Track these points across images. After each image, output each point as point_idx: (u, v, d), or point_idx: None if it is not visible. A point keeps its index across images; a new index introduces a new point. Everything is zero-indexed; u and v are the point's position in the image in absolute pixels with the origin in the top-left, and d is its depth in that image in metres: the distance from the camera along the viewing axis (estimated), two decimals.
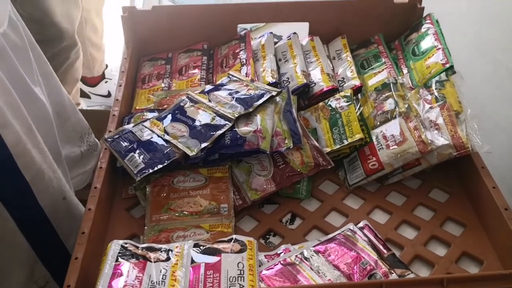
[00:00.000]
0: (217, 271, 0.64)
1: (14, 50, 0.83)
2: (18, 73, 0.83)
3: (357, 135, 0.86)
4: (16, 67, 0.83)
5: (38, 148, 0.84)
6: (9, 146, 0.77)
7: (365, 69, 1.03)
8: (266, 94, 0.87)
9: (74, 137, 1.09)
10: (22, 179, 0.80)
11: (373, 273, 0.68)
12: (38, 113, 0.89)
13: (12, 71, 0.81)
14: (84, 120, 1.13)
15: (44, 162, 0.85)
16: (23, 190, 0.81)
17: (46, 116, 0.93)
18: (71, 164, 1.07)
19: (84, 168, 1.12)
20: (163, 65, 1.06)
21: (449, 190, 0.85)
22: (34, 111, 0.87)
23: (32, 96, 0.87)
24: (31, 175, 0.81)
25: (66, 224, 0.91)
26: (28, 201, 0.82)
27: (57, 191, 0.88)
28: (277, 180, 0.83)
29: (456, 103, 0.85)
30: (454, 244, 0.76)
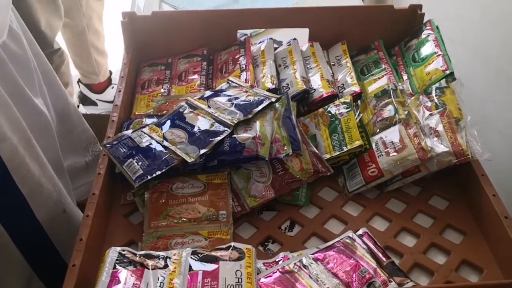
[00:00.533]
0: (215, 279, 0.64)
1: (13, 61, 0.82)
2: (17, 84, 0.83)
3: (357, 142, 0.86)
4: (15, 79, 0.82)
5: (37, 161, 0.84)
6: (5, 159, 0.76)
7: (365, 75, 1.03)
8: (266, 100, 0.87)
9: (79, 147, 1.09)
10: (17, 193, 0.79)
11: (372, 281, 0.67)
12: (39, 125, 0.88)
13: (11, 83, 0.81)
14: (90, 130, 1.12)
15: (43, 175, 0.84)
16: (18, 203, 0.80)
17: (47, 128, 0.92)
18: (75, 175, 1.07)
19: (88, 178, 1.11)
20: (163, 70, 1.06)
21: (449, 198, 0.84)
22: (34, 123, 0.86)
23: (32, 108, 0.87)
24: (28, 188, 0.80)
25: (65, 238, 0.90)
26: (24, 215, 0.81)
27: (57, 204, 0.88)
28: (276, 186, 0.82)
29: (456, 110, 0.85)
30: (454, 252, 0.75)
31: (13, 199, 0.79)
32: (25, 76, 0.85)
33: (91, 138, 1.10)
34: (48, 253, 0.87)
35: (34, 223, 0.83)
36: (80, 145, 1.09)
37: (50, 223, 0.85)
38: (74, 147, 1.06)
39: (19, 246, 0.81)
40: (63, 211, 0.88)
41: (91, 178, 1.12)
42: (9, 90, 0.79)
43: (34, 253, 0.84)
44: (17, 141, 0.78)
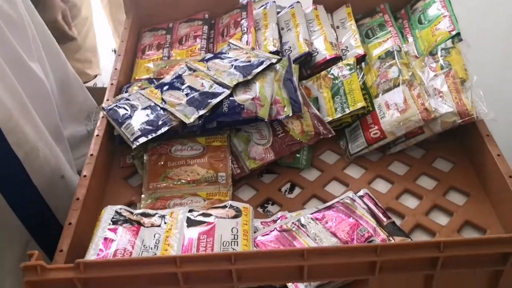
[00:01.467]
0: (211, 236, 0.63)
1: (8, 24, 0.81)
2: (11, 47, 0.81)
3: (359, 104, 0.84)
4: (9, 41, 0.81)
5: (32, 125, 0.83)
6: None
7: (369, 39, 1.00)
8: (266, 61, 0.85)
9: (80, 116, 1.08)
10: (13, 157, 0.78)
11: (371, 240, 0.66)
12: (35, 90, 0.87)
13: (5, 46, 0.79)
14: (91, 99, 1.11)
15: (39, 140, 0.83)
16: (14, 167, 0.79)
17: (44, 93, 0.91)
18: (76, 144, 1.06)
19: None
20: (164, 35, 1.05)
21: (453, 159, 0.82)
22: (30, 87, 0.85)
23: (28, 72, 0.85)
24: (24, 152, 0.79)
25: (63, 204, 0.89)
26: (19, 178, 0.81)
27: (54, 170, 0.87)
28: (276, 149, 0.81)
29: (462, 70, 0.83)
30: (456, 213, 0.74)
31: (8, 163, 0.78)
32: (20, 40, 0.83)
33: (92, 107, 1.09)
34: (45, 218, 0.87)
35: (31, 188, 0.82)
36: (82, 114, 1.08)
37: (47, 189, 0.84)
38: (75, 116, 1.05)
39: (16, 211, 0.80)
40: (61, 177, 0.88)
41: None
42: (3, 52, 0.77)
43: (31, 218, 0.83)
44: (10, 104, 0.77)
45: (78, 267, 0.53)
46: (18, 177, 0.81)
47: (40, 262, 0.54)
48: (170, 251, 0.62)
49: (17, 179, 0.81)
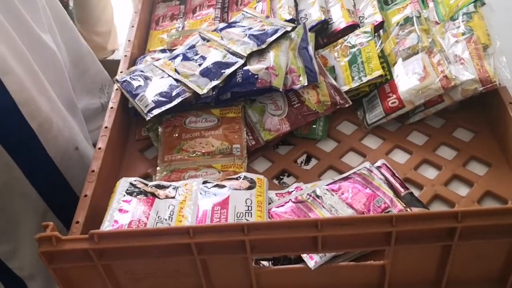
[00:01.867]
0: (225, 207, 0.63)
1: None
2: (22, 18, 0.80)
3: (377, 72, 0.82)
4: (20, 12, 0.80)
5: (45, 95, 0.83)
6: (12, 93, 0.75)
7: (388, 5, 0.97)
8: (281, 29, 0.83)
9: (94, 88, 1.08)
10: (27, 128, 0.78)
11: (387, 211, 0.65)
12: (46, 61, 0.87)
13: (15, 16, 0.79)
14: (104, 71, 1.11)
15: (51, 111, 0.83)
16: (29, 138, 0.79)
17: (56, 64, 0.90)
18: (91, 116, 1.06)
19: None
20: (177, 5, 1.03)
21: (474, 129, 0.80)
22: (42, 58, 0.84)
23: (39, 43, 0.85)
24: (38, 123, 0.80)
25: (78, 174, 0.90)
26: (35, 149, 0.81)
27: (68, 141, 0.87)
28: (291, 120, 0.80)
29: (484, 36, 0.80)
30: (477, 183, 0.72)
31: (23, 134, 0.78)
32: (30, 11, 0.82)
33: (105, 79, 1.09)
34: (61, 188, 0.88)
35: (46, 158, 0.83)
36: (95, 87, 1.07)
37: (62, 159, 0.85)
38: (89, 89, 1.05)
39: (33, 182, 0.81)
40: (75, 148, 0.88)
41: None
42: (14, 23, 0.77)
43: (48, 189, 0.84)
44: (23, 74, 0.76)
45: (93, 238, 0.54)
46: (33, 148, 0.81)
47: (55, 233, 0.54)
48: (184, 223, 0.62)
49: (32, 150, 0.82)
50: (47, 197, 0.85)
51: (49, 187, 0.86)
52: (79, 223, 0.65)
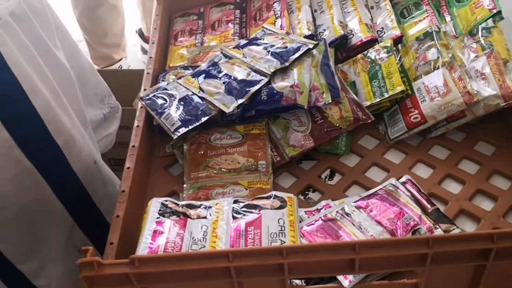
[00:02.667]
0: (258, 227, 0.64)
1: (35, 15, 0.81)
2: (41, 38, 0.82)
3: (398, 87, 0.83)
4: (38, 32, 0.81)
5: (66, 113, 0.84)
6: (40, 112, 0.76)
7: (405, 18, 0.98)
8: (303, 47, 0.84)
9: (95, 100, 1.09)
10: (54, 145, 0.80)
11: (417, 228, 0.66)
12: (63, 78, 0.88)
13: (35, 37, 0.80)
14: (104, 82, 1.12)
15: (73, 127, 0.85)
16: (56, 155, 0.81)
17: (70, 80, 0.92)
18: (95, 127, 1.08)
19: (108, 130, 1.12)
20: (195, 20, 1.04)
21: (496, 143, 0.81)
22: (59, 76, 0.86)
23: (56, 61, 0.86)
24: (63, 140, 0.81)
25: (99, 188, 0.92)
26: (61, 166, 0.83)
27: (88, 156, 0.89)
28: (315, 135, 0.81)
29: (504, 51, 0.81)
30: (501, 198, 0.73)
31: (50, 152, 0.80)
32: (45, 28, 0.84)
33: (105, 90, 1.10)
34: (85, 202, 0.89)
35: (71, 174, 0.84)
36: (96, 98, 1.08)
37: (84, 174, 0.87)
38: (90, 101, 1.06)
39: (60, 197, 0.83)
40: (94, 162, 0.90)
41: (110, 130, 1.13)
42: (35, 44, 0.78)
43: (73, 204, 0.86)
44: (47, 93, 0.78)
45: (133, 263, 0.54)
46: (60, 165, 0.83)
47: (96, 258, 0.55)
48: (218, 243, 0.63)
49: (59, 167, 0.83)
50: (73, 212, 0.87)
51: (75, 202, 0.87)
52: (113, 244, 0.66)
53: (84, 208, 0.91)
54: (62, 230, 0.87)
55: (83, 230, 0.90)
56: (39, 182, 0.79)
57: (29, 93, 0.75)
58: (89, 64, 1.07)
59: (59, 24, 0.95)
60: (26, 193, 0.79)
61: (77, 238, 0.90)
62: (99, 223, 0.93)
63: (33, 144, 0.77)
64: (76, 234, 0.90)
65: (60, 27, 0.95)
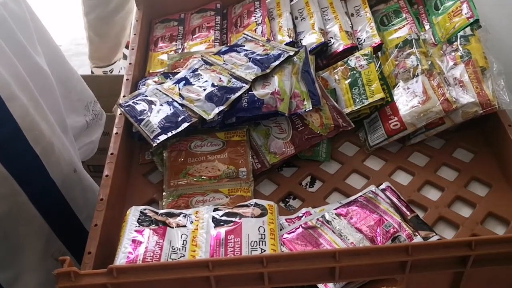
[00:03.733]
0: (238, 236, 0.63)
1: (14, 20, 0.80)
2: (20, 43, 0.80)
3: (378, 95, 0.83)
4: (18, 38, 0.80)
5: (45, 120, 0.83)
6: (17, 119, 0.75)
7: (385, 26, 0.99)
8: (283, 54, 0.84)
9: (79, 106, 1.07)
10: (32, 153, 0.79)
11: (396, 235, 0.66)
12: (43, 85, 0.86)
13: (14, 42, 0.79)
14: (88, 89, 1.11)
15: (53, 135, 0.84)
16: (34, 163, 0.80)
17: (51, 87, 0.90)
18: (77, 135, 1.06)
19: (90, 138, 1.10)
20: (176, 26, 1.03)
21: (474, 150, 0.82)
22: (39, 82, 0.84)
23: (36, 67, 0.85)
24: (41, 148, 0.80)
25: (78, 197, 0.91)
26: (39, 174, 0.81)
27: (68, 164, 0.88)
28: (296, 142, 0.81)
29: (482, 59, 0.82)
30: (479, 204, 0.74)
31: (28, 160, 0.78)
32: (25, 33, 0.82)
33: (90, 97, 1.08)
34: (64, 211, 0.88)
35: (50, 182, 0.83)
36: (81, 104, 1.07)
37: (63, 182, 0.85)
38: (74, 107, 1.05)
39: (37, 206, 0.81)
40: (74, 170, 0.89)
41: (93, 138, 1.11)
42: (13, 49, 0.77)
43: (51, 212, 0.84)
44: (25, 100, 0.76)
45: (112, 272, 0.54)
46: (37, 173, 0.82)
47: (73, 268, 0.54)
48: (198, 252, 0.63)
49: (37, 175, 0.82)
50: (51, 221, 0.85)
51: (53, 211, 0.86)
52: (91, 253, 0.64)
53: (63, 217, 0.89)
54: (39, 239, 0.85)
55: (61, 239, 0.89)
56: (15, 190, 0.77)
57: (6, 100, 0.74)
58: (72, 70, 1.05)
59: (41, 29, 0.93)
60: (2, 201, 0.77)
61: (54, 247, 0.88)
62: (78, 232, 0.92)
63: (9, 151, 0.76)
64: (53, 243, 0.88)
65: (42, 31, 0.94)
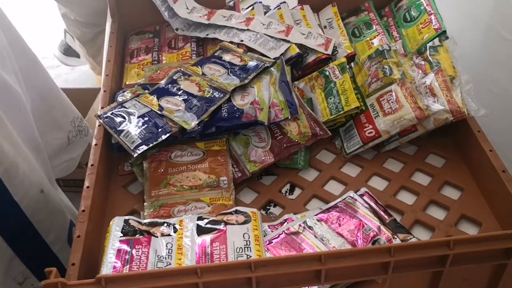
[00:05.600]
0: (223, 243, 0.64)
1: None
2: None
3: (353, 104, 0.86)
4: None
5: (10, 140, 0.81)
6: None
7: (356, 37, 1.02)
8: (261, 64, 0.86)
9: (64, 122, 1.05)
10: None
11: (376, 238, 0.68)
12: (10, 103, 0.84)
13: None
14: (73, 106, 1.10)
15: (18, 155, 0.82)
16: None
17: (21, 106, 0.88)
18: (55, 151, 1.04)
19: (71, 154, 1.08)
20: (151, 38, 1.04)
21: (446, 155, 0.85)
22: (5, 101, 0.82)
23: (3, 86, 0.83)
24: (3, 169, 0.78)
25: (45, 218, 0.88)
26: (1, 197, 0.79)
27: (34, 185, 0.85)
28: (275, 151, 0.83)
29: (451, 68, 0.86)
30: (452, 207, 0.77)
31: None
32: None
33: (74, 112, 1.07)
34: (28, 234, 0.85)
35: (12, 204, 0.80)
36: (66, 120, 1.05)
37: (28, 204, 0.83)
38: (57, 123, 1.03)
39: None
40: (41, 191, 0.86)
41: (73, 155, 1.09)
42: None
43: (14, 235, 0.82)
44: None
45: (100, 282, 0.54)
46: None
47: (60, 279, 0.54)
48: (184, 260, 0.63)
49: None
50: (14, 244, 0.83)
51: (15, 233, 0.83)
52: (75, 265, 0.64)
53: (27, 240, 0.86)
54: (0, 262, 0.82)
55: (25, 262, 0.86)
56: None
57: None
58: (55, 86, 1.04)
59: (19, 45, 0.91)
60: None
61: (17, 271, 0.86)
62: (44, 255, 0.89)
63: None
64: (16, 266, 0.85)
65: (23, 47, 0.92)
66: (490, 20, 1.09)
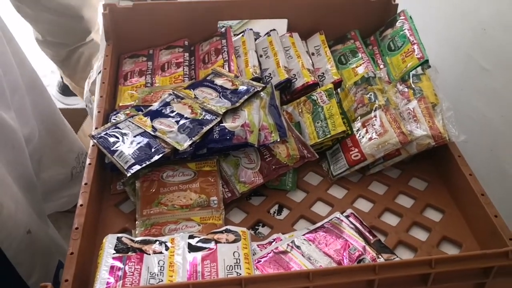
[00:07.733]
0: (214, 261, 0.66)
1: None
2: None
3: (340, 128, 0.89)
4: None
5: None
6: None
7: (343, 64, 1.06)
8: (252, 89, 0.89)
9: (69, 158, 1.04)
10: None
11: (361, 258, 0.71)
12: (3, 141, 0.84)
13: None
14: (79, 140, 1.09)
15: (4, 195, 0.80)
16: None
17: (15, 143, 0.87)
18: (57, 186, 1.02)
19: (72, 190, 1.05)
20: (145, 61, 1.07)
21: (428, 179, 0.89)
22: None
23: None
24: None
25: (27, 259, 0.86)
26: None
27: (20, 225, 0.84)
28: (264, 172, 0.85)
29: (432, 96, 0.90)
30: (434, 229, 0.80)
31: None
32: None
33: (81, 148, 1.07)
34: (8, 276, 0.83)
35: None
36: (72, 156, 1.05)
37: (10, 245, 0.81)
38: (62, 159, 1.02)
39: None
40: (27, 232, 0.84)
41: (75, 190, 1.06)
42: None
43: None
44: None
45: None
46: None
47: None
48: (175, 277, 0.65)
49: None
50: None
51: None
52: (68, 281, 0.65)
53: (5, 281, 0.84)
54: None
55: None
56: None
57: None
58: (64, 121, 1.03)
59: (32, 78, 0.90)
60: None
61: None
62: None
63: None
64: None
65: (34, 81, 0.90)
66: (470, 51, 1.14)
